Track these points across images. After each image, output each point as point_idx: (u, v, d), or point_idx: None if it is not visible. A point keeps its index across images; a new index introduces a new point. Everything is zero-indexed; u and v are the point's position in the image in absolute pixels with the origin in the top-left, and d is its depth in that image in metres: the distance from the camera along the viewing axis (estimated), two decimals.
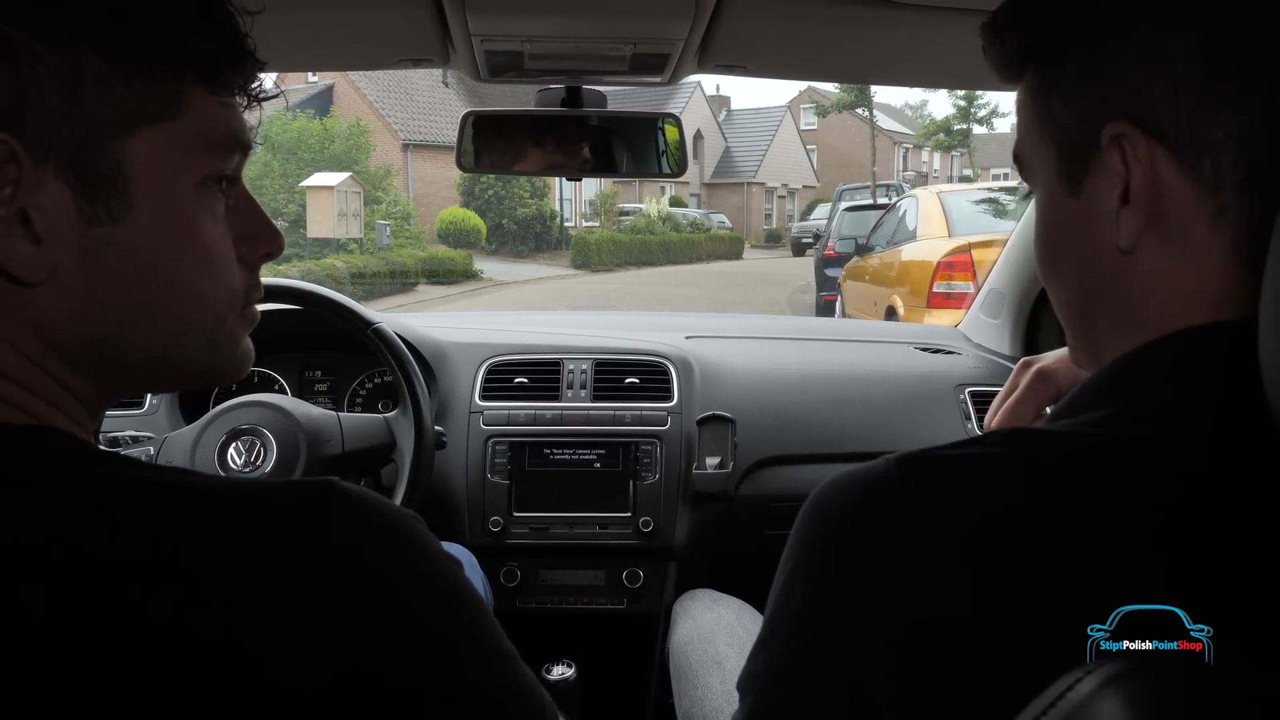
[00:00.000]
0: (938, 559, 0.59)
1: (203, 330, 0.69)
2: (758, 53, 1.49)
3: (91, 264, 0.62)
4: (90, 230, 0.61)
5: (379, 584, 0.59)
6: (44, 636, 0.52)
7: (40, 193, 0.59)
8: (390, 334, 1.70)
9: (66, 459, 0.59)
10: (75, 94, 0.59)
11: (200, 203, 0.67)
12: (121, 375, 0.67)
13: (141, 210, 0.63)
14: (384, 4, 1.26)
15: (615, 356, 2.09)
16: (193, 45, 0.65)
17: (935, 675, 0.57)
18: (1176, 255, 0.66)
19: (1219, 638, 0.54)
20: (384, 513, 0.62)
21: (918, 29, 1.30)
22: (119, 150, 0.61)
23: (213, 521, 0.57)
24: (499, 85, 1.67)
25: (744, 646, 1.44)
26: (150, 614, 0.53)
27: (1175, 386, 0.64)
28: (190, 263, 0.66)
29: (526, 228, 26.52)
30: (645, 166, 1.75)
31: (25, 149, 0.58)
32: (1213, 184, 0.63)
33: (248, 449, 1.60)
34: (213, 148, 0.67)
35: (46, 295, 0.60)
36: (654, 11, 1.24)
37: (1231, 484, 0.59)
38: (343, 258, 18.31)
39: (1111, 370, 0.69)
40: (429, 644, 0.60)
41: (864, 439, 2.00)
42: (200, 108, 0.66)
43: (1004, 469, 0.62)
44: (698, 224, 31.80)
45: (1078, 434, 0.64)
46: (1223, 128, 0.62)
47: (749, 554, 1.85)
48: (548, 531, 1.92)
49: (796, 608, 0.64)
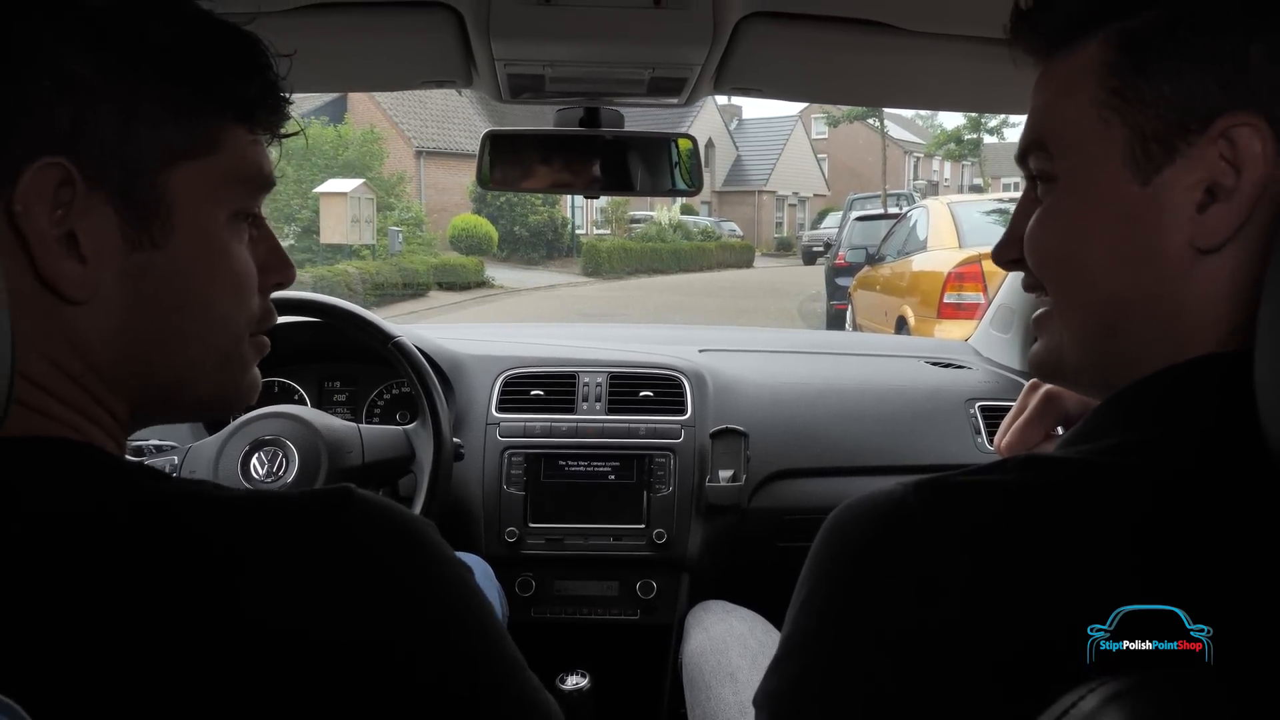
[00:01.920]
0: (955, 584, 0.58)
1: (221, 350, 0.72)
2: (772, 76, 1.52)
3: (132, 287, 0.65)
4: (132, 255, 0.65)
5: (391, 580, 0.61)
6: (81, 638, 0.54)
7: (89, 217, 0.62)
8: (410, 347, 1.73)
9: (99, 471, 0.62)
10: (129, 128, 0.63)
11: (232, 233, 0.71)
12: (153, 395, 0.70)
13: (180, 238, 0.67)
14: (410, 29, 1.29)
15: (630, 370, 2.12)
16: (237, 88, 0.70)
17: (950, 698, 0.57)
18: (1250, 270, 0.63)
19: (1219, 638, 0.55)
20: (398, 517, 0.64)
21: (927, 54, 1.32)
22: (164, 181, 0.66)
23: (239, 528, 0.60)
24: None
25: (756, 658, 1.46)
26: (175, 620, 0.55)
27: (1215, 414, 0.62)
28: (220, 289, 0.71)
29: (538, 235, 26.53)
30: (663, 184, 1.78)
31: (81, 175, 0.61)
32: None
33: (270, 459, 1.64)
34: (245, 184, 0.72)
35: (88, 315, 0.64)
36: (672, 38, 1.27)
37: (1243, 509, 0.59)
38: (355, 264, 18.33)
39: (1138, 391, 0.67)
40: (437, 641, 0.62)
41: (876, 453, 2.02)
42: (236, 145, 0.70)
43: (1021, 497, 0.61)
44: (709, 232, 31.74)
45: (1095, 463, 0.63)
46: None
47: (762, 566, 1.88)
48: (562, 542, 1.95)
49: (813, 628, 0.64)
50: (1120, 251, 0.67)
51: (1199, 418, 0.63)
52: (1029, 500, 0.61)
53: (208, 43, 0.68)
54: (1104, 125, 0.66)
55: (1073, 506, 0.61)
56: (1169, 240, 0.64)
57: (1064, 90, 0.70)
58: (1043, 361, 0.77)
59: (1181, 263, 0.64)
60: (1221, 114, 0.62)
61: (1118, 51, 0.66)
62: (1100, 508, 0.60)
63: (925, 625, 0.58)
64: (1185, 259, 0.64)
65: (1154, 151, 0.64)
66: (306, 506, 0.62)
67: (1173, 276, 0.65)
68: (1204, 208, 0.63)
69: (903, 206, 15.85)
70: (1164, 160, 0.64)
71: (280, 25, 1.21)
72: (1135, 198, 0.65)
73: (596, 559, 1.95)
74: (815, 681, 0.63)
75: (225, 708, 0.55)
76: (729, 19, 1.24)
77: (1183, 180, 0.63)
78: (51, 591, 0.55)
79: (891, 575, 0.61)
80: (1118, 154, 0.66)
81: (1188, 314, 0.65)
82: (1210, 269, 0.64)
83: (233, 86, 0.69)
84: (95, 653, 0.54)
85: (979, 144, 26.85)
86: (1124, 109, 0.65)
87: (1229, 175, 0.62)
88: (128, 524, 0.58)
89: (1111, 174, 0.66)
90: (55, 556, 0.56)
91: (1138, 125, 0.65)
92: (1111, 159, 0.66)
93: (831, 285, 12.26)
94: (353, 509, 0.62)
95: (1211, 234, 0.63)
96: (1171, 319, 0.66)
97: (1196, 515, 0.59)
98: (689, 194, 1.83)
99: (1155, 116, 0.64)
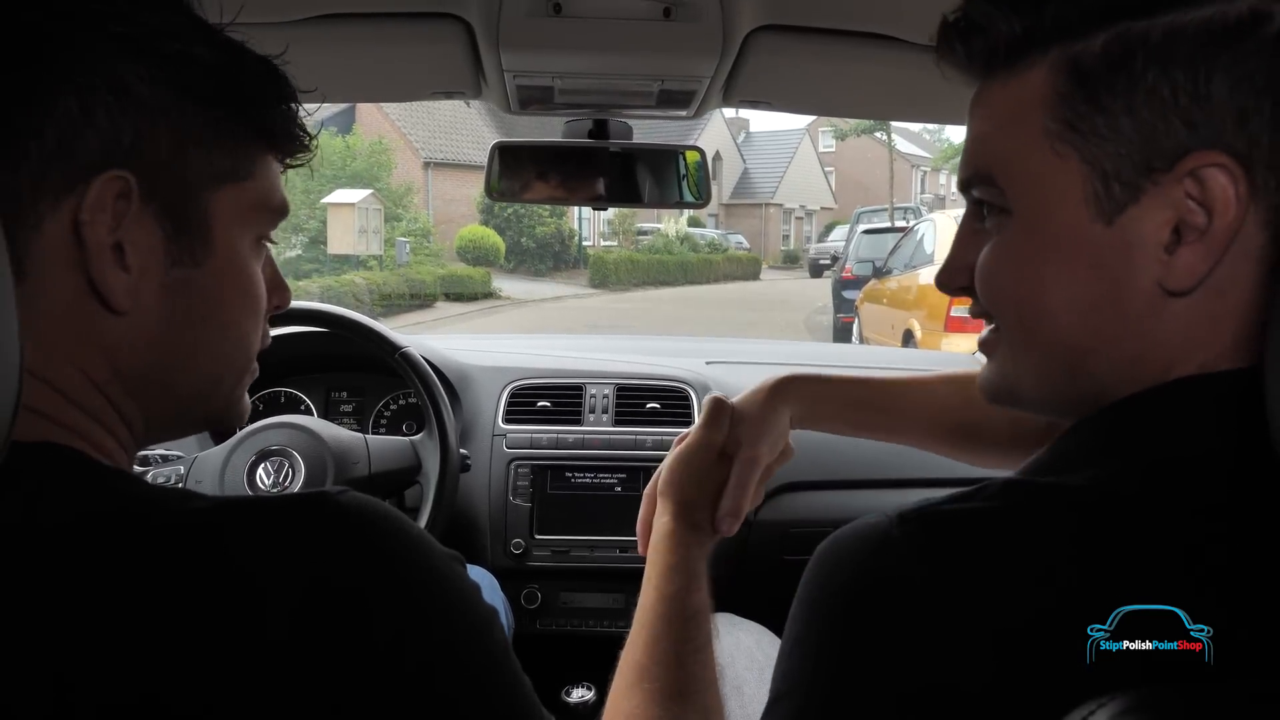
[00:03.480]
0: (946, 618, 0.57)
1: (237, 367, 0.75)
2: (781, 88, 1.52)
3: (169, 301, 0.67)
4: (173, 270, 0.67)
5: (374, 569, 0.60)
6: (81, 641, 0.54)
7: (138, 230, 0.64)
8: (418, 358, 1.73)
9: (91, 477, 0.62)
10: (182, 148, 0.66)
11: (254, 256, 0.75)
12: (169, 407, 0.72)
13: (216, 258, 0.70)
14: (419, 40, 1.30)
15: (637, 381, 2.12)
16: (270, 115, 0.73)
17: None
18: (1222, 305, 0.61)
19: (1218, 638, 0.54)
20: (376, 511, 0.63)
21: (934, 68, 1.32)
22: (206, 202, 0.69)
23: (219, 531, 0.59)
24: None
25: (763, 671, 1.45)
26: (165, 627, 0.55)
27: (1198, 435, 0.61)
28: (244, 309, 0.74)
29: (545, 246, 26.61)
30: (671, 196, 1.78)
31: (138, 189, 0.63)
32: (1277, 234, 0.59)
33: (276, 469, 1.64)
34: (269, 209, 0.75)
35: (127, 325, 0.65)
36: (682, 50, 1.27)
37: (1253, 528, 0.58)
38: (362, 274, 18.40)
39: (1112, 417, 0.65)
40: (422, 625, 0.61)
41: (881, 465, 2.02)
42: (267, 171, 0.74)
43: (1005, 524, 0.60)
44: (715, 244, 31.80)
45: (1077, 487, 0.61)
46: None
47: (768, 579, 1.87)
48: (568, 554, 1.95)
49: (808, 669, 0.62)
50: (1084, 296, 0.64)
51: (1189, 440, 0.62)
52: (1013, 528, 0.60)
53: (244, 70, 0.70)
54: (1059, 159, 0.63)
55: (1063, 533, 0.59)
56: (1136, 282, 0.61)
57: (1009, 119, 0.65)
58: (996, 388, 0.74)
59: (1149, 304, 0.62)
60: (1188, 153, 0.59)
61: (1067, 82, 0.62)
62: (1095, 534, 0.59)
63: (921, 662, 0.57)
64: (1153, 301, 0.61)
65: (1116, 191, 0.61)
66: (284, 505, 0.62)
67: (1138, 319, 0.62)
68: (1171, 248, 0.60)
69: (909, 220, 15.88)
70: (1128, 200, 0.61)
71: (290, 36, 1.21)
72: (1099, 238, 0.62)
73: (602, 571, 1.95)
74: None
75: (220, 711, 0.54)
76: (739, 31, 1.24)
77: (1149, 219, 0.60)
78: (45, 599, 0.55)
79: (883, 615, 0.59)
80: (1077, 191, 0.62)
81: (1154, 351, 0.63)
82: (1178, 311, 0.61)
83: (267, 114, 0.72)
84: (93, 659, 0.54)
85: None
86: (1079, 144, 0.62)
87: (1198, 215, 0.59)
88: (102, 535, 0.57)
89: (1072, 212, 0.62)
90: (51, 566, 0.56)
91: (1096, 161, 0.61)
92: (1070, 197, 0.62)
93: (838, 298, 12.29)
94: (328, 507, 0.61)
95: (1182, 277, 0.60)
96: (1137, 358, 0.64)
97: (1206, 542, 0.58)
98: (697, 206, 1.83)
99: (1115, 154, 0.61)
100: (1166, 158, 0.59)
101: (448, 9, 1.22)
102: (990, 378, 0.74)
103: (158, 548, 0.57)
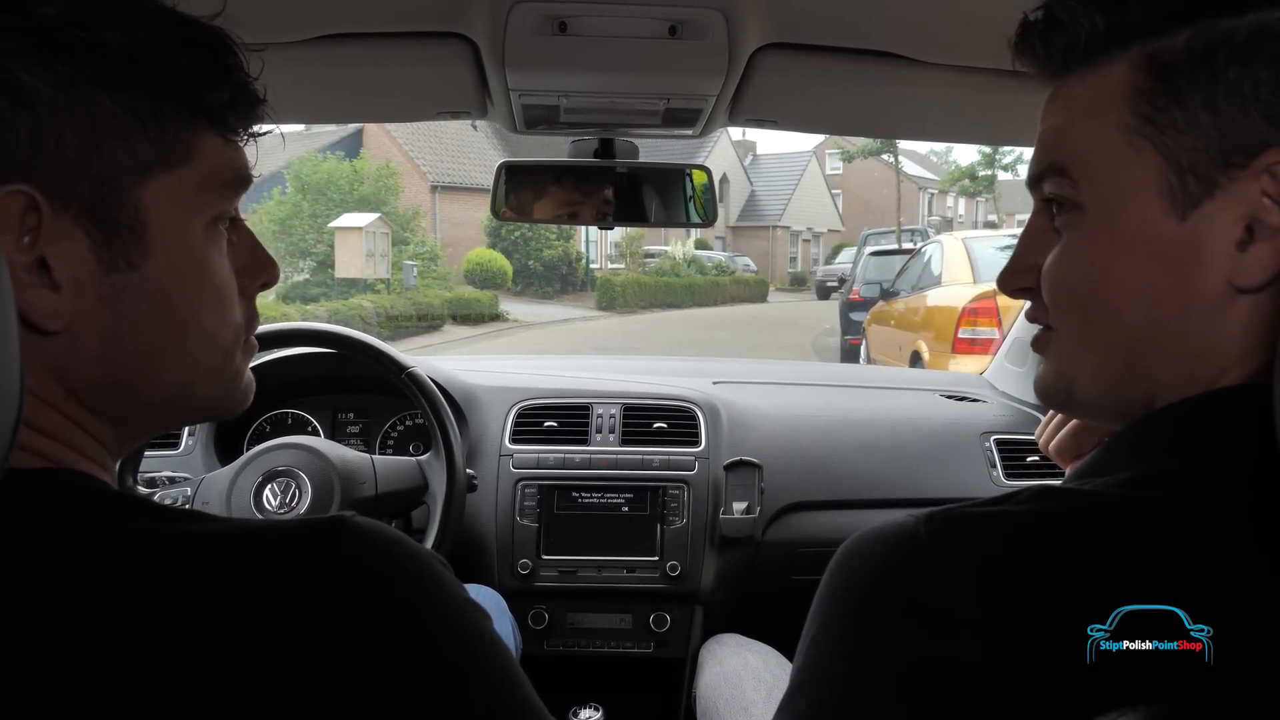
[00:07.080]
0: (967, 618, 0.57)
1: (213, 368, 0.70)
2: (787, 107, 1.53)
3: (109, 311, 0.63)
4: (109, 277, 0.62)
5: (384, 596, 0.60)
6: (76, 665, 0.54)
7: (60, 241, 0.60)
8: (424, 378, 1.73)
9: (80, 500, 0.61)
10: (94, 143, 0.60)
11: (210, 242, 0.68)
12: (140, 416, 0.69)
13: (158, 256, 0.64)
14: (425, 60, 1.30)
15: (644, 401, 2.11)
16: (206, 93, 0.66)
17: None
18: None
19: (1219, 638, 0.54)
20: (388, 538, 0.63)
21: (940, 86, 1.33)
22: (136, 197, 0.63)
23: (227, 558, 0.59)
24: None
25: (771, 692, 1.44)
26: (161, 650, 0.55)
27: (1239, 446, 0.61)
28: (203, 303, 0.68)
29: (552, 269, 26.64)
30: (678, 216, 1.78)
31: (45, 198, 0.59)
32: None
33: (283, 490, 1.63)
34: (221, 188, 0.69)
35: (66, 343, 0.62)
36: (688, 68, 1.27)
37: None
38: (370, 298, 18.43)
39: (1153, 424, 0.65)
40: (429, 653, 0.60)
41: (890, 485, 2.01)
42: (209, 151, 0.67)
43: (1034, 528, 0.60)
44: (723, 267, 31.81)
45: (1108, 494, 0.62)
46: None
47: (776, 599, 1.86)
48: (575, 574, 1.94)
49: (826, 664, 0.62)
50: (1152, 291, 0.63)
51: (1220, 451, 0.62)
52: (1041, 530, 0.60)
53: (172, 46, 0.64)
54: (1135, 153, 0.63)
55: (1086, 537, 0.60)
56: (1207, 279, 0.61)
57: (1087, 113, 0.66)
58: (1051, 389, 0.74)
59: (1217, 301, 0.62)
60: (1267, 148, 0.59)
61: (1148, 77, 0.62)
62: (1114, 539, 0.59)
63: (938, 659, 0.57)
64: (1222, 298, 0.62)
65: (1191, 185, 0.61)
66: (298, 532, 0.61)
67: (1204, 315, 0.62)
68: (1244, 245, 0.60)
69: (917, 242, 15.88)
70: (1203, 194, 0.61)
71: (294, 56, 1.22)
72: (1173, 233, 0.62)
73: (610, 591, 1.94)
74: (828, 718, 0.61)
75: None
76: (745, 50, 1.24)
77: (1223, 216, 0.61)
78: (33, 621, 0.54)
79: (902, 609, 0.60)
80: (1152, 185, 0.62)
81: (1214, 353, 0.63)
82: (1244, 308, 0.62)
83: (201, 91, 0.66)
84: (91, 675, 0.54)
85: (993, 180, 26.89)
86: (1157, 137, 0.62)
87: (1272, 212, 0.60)
88: (101, 556, 0.57)
89: (1146, 206, 0.63)
90: (36, 589, 0.55)
91: (1173, 155, 0.62)
92: (1145, 190, 0.63)
93: (846, 320, 12.28)
94: (344, 534, 0.61)
95: (1253, 273, 0.60)
96: (1196, 358, 0.64)
97: (1217, 547, 0.58)
98: (703, 225, 1.84)
99: (1192, 148, 0.61)
100: (1244, 153, 0.60)
101: (453, 28, 1.22)
102: (1047, 378, 0.74)
103: (162, 577, 0.57)
